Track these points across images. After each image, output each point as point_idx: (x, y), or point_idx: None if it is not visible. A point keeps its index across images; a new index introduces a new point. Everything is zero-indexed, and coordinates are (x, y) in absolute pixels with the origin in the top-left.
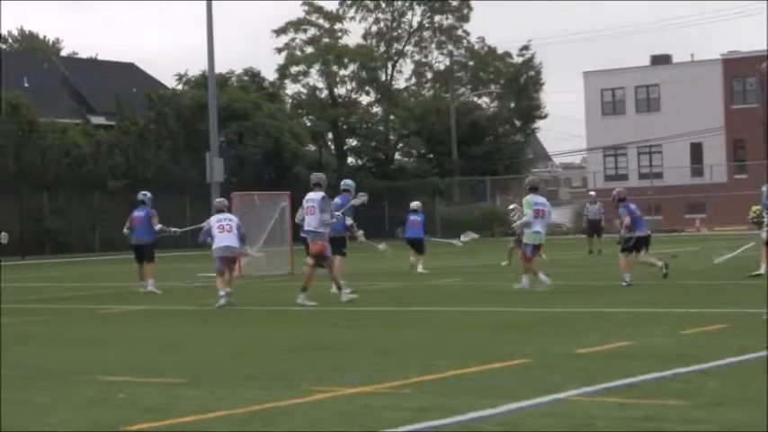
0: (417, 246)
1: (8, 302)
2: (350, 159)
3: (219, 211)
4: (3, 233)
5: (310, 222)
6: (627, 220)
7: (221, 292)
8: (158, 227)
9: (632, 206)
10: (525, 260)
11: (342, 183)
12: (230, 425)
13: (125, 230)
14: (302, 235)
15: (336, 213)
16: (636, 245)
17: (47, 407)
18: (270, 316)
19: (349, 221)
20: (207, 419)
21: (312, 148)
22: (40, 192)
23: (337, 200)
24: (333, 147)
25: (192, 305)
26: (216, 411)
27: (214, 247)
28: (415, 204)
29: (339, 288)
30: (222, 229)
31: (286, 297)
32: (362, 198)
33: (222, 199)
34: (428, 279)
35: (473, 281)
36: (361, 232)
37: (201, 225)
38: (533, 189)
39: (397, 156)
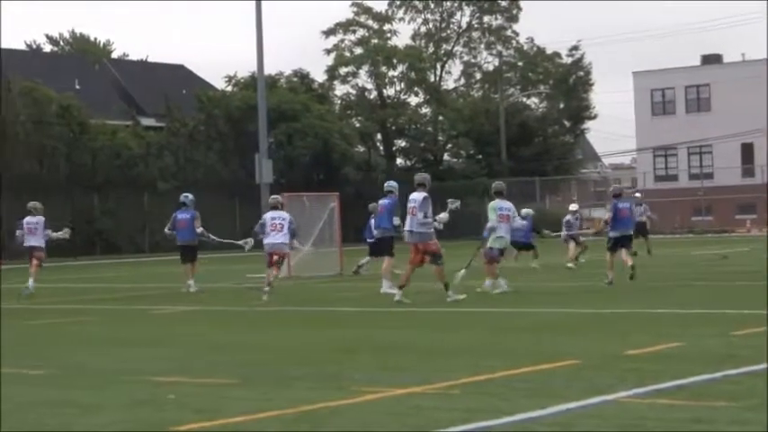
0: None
1: (59, 303)
2: (399, 160)
3: (274, 207)
4: (65, 228)
5: (411, 223)
6: (607, 216)
7: (265, 288)
8: (199, 230)
9: (621, 204)
10: (488, 263)
11: (386, 184)
12: (280, 425)
13: (166, 230)
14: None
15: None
16: (614, 244)
17: (96, 407)
18: (319, 317)
19: (396, 222)
20: (256, 420)
21: (361, 149)
22: (91, 193)
23: (385, 201)
24: (382, 148)
25: (242, 306)
26: (265, 412)
27: (265, 242)
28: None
29: (446, 287)
30: (274, 227)
31: (335, 298)
32: (455, 204)
33: (277, 196)
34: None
35: (521, 281)
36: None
37: (240, 242)
38: (498, 194)
39: (445, 157)
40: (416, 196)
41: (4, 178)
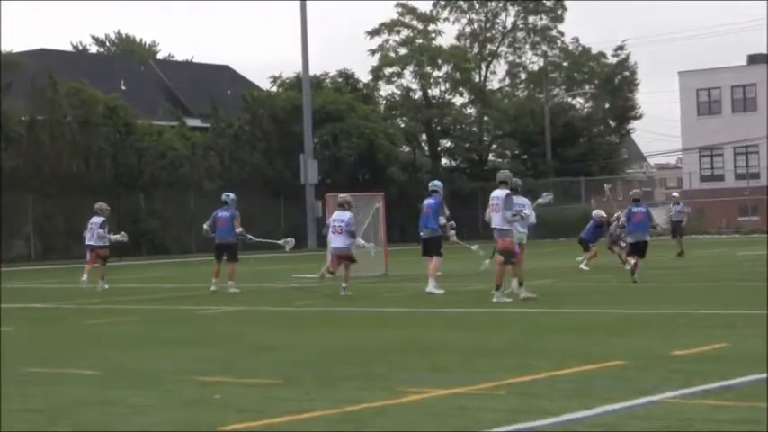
0: None
1: (106, 303)
2: (443, 161)
3: (341, 206)
4: (122, 232)
5: (495, 220)
6: (621, 219)
7: (343, 284)
8: (239, 230)
9: (636, 209)
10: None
11: (430, 184)
12: (324, 425)
13: (205, 227)
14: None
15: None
16: (631, 250)
17: (142, 407)
18: (364, 317)
19: (443, 221)
20: (301, 420)
21: (406, 149)
22: (137, 193)
23: (430, 201)
24: (426, 148)
25: (288, 306)
26: (310, 412)
27: (329, 245)
28: None
29: (521, 284)
30: (335, 230)
31: (380, 298)
32: (548, 197)
33: (345, 195)
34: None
35: (566, 281)
36: (453, 232)
37: (281, 242)
38: (503, 183)
39: (490, 157)
40: (499, 193)
41: (54, 178)
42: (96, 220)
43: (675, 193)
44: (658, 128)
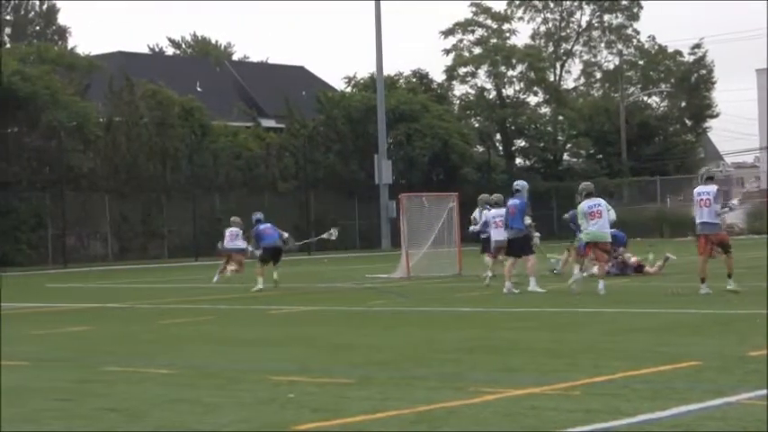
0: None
1: (181, 303)
2: (518, 160)
3: (496, 204)
4: (333, 229)
5: (704, 214)
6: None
7: (488, 273)
8: (286, 234)
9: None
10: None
11: (515, 184)
12: (398, 425)
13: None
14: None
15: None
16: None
17: (216, 406)
18: (438, 317)
19: (528, 221)
20: (375, 420)
21: (480, 149)
22: (212, 194)
23: (515, 201)
24: (501, 148)
25: (361, 306)
26: (384, 412)
27: (492, 239)
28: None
29: (729, 276)
30: (497, 224)
31: (454, 297)
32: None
33: (498, 195)
34: (593, 280)
35: (640, 281)
36: (537, 234)
37: (325, 235)
38: (588, 195)
39: (565, 156)
40: (709, 189)
41: (131, 179)
42: (234, 230)
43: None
44: (735, 126)
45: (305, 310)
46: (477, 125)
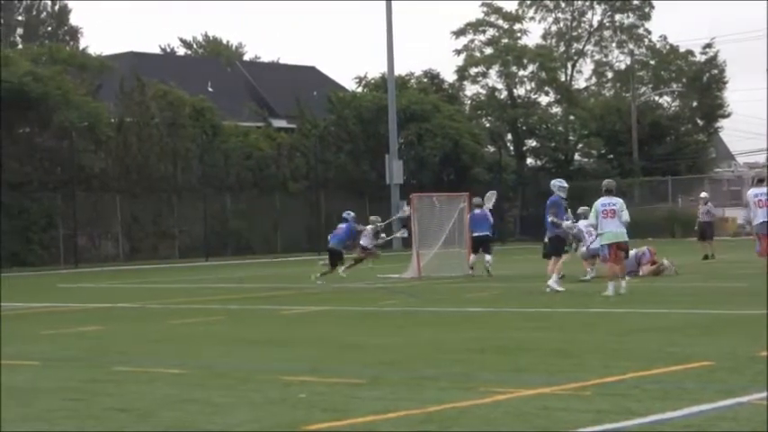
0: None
1: (192, 303)
2: (529, 160)
3: (608, 191)
4: (403, 228)
5: (762, 215)
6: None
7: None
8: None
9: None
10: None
11: (553, 183)
12: (408, 425)
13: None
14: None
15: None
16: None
17: (226, 406)
18: (449, 317)
19: (566, 222)
20: (385, 420)
21: (491, 149)
22: (223, 194)
23: (553, 199)
24: (512, 148)
25: (372, 306)
26: (394, 412)
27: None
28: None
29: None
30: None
31: (465, 298)
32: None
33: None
34: (604, 281)
35: (650, 282)
36: (590, 237)
37: (398, 234)
38: (608, 192)
39: (576, 156)
40: (763, 190)
41: (142, 179)
42: (370, 228)
43: (704, 194)
44: (747, 126)
45: (316, 311)
46: (488, 125)
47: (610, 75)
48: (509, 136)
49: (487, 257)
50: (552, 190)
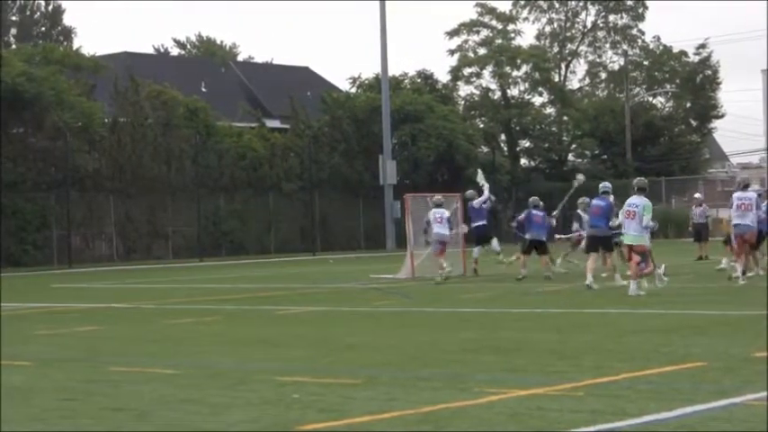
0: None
1: (186, 303)
2: (522, 161)
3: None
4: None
5: (751, 217)
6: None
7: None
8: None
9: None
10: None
11: (601, 185)
12: (403, 425)
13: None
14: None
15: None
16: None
17: (222, 406)
18: (443, 317)
19: (615, 223)
20: (380, 420)
21: (485, 149)
22: (217, 194)
23: (600, 203)
24: (506, 148)
25: (367, 306)
26: (389, 412)
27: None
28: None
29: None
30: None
31: (459, 298)
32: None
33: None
34: (601, 281)
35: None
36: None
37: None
38: (640, 190)
39: (570, 157)
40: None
41: (136, 179)
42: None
43: (698, 195)
44: (741, 127)
45: (310, 311)
46: (481, 126)
47: (603, 75)
48: (503, 136)
49: (493, 244)
50: (607, 191)
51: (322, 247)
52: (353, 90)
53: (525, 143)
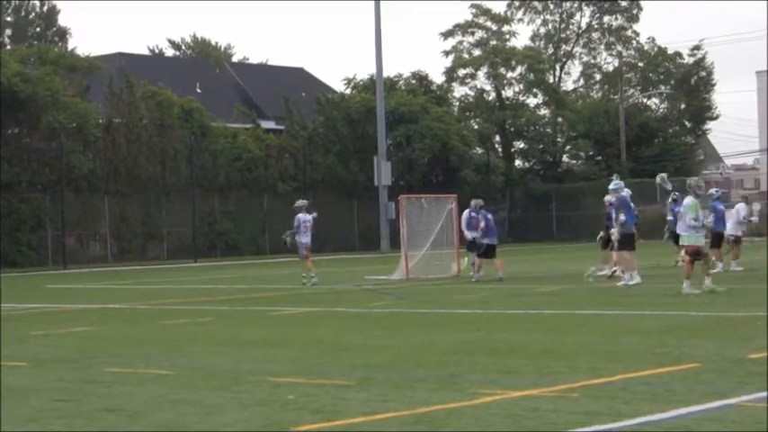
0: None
1: (181, 303)
2: (517, 162)
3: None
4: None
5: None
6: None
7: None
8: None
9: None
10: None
11: (615, 184)
12: (398, 426)
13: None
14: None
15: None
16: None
17: (217, 407)
18: (438, 318)
19: (622, 218)
20: (375, 421)
21: (479, 150)
22: (212, 195)
23: (613, 199)
24: (500, 149)
25: (361, 307)
26: (383, 413)
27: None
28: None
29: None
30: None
31: (453, 299)
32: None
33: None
34: (596, 281)
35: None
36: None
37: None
38: (694, 192)
39: (564, 158)
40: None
41: (131, 180)
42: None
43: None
44: (735, 128)
45: (304, 312)
46: (476, 127)
47: (598, 77)
48: (497, 137)
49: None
50: (617, 189)
51: (318, 248)
52: (348, 91)
53: (520, 144)
